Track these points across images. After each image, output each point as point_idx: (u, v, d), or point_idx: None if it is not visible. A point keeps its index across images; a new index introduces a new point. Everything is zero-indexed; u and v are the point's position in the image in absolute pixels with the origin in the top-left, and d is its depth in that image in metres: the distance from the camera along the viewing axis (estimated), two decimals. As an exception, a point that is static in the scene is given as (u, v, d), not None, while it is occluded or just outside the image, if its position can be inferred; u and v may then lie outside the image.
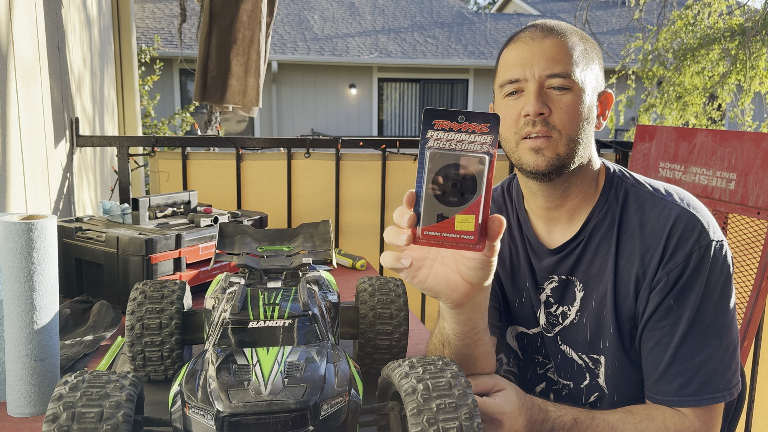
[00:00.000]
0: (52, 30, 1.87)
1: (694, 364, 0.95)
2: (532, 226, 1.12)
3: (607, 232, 1.03)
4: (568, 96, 0.97)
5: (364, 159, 2.23)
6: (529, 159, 0.98)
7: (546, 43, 0.99)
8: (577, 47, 1.00)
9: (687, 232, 0.97)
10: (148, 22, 11.46)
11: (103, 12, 3.01)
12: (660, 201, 1.01)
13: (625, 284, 1.01)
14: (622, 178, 1.06)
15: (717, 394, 0.95)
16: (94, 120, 2.63)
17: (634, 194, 1.04)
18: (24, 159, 1.55)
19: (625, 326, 1.02)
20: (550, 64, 0.97)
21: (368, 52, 11.88)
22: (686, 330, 0.95)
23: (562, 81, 0.97)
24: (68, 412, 0.59)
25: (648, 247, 0.99)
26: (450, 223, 0.69)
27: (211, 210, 1.67)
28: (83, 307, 1.34)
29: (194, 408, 0.64)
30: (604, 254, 1.03)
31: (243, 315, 0.76)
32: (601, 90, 1.04)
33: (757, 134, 1.79)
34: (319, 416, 0.64)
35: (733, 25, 6.81)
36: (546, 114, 0.97)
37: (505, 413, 0.85)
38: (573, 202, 1.05)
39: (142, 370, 0.94)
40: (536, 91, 0.97)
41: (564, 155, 0.98)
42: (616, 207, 1.04)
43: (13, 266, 0.86)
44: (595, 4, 13.75)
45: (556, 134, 0.97)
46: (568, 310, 1.07)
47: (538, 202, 1.08)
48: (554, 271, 1.08)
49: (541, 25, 1.02)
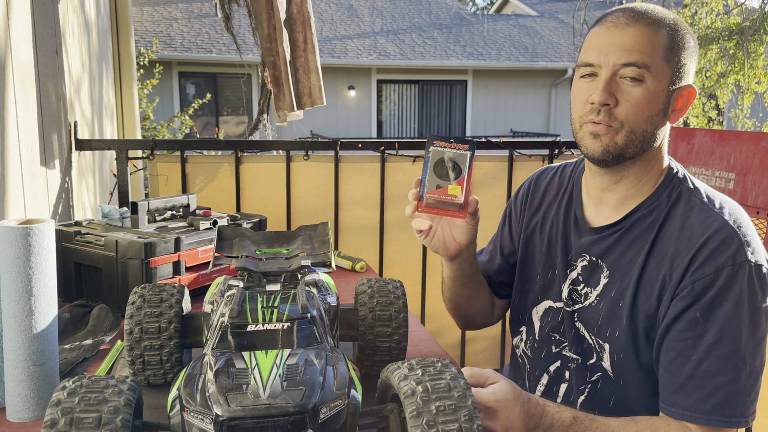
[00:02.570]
0: (50, 34, 1.87)
1: (715, 383, 0.92)
2: (582, 203, 1.15)
3: (648, 228, 1.03)
4: (639, 89, 0.97)
5: (362, 161, 2.23)
6: (588, 142, 1.02)
7: (627, 32, 0.97)
8: (662, 38, 0.97)
9: (723, 246, 0.94)
10: (147, 25, 11.47)
11: (101, 15, 3.02)
12: (707, 210, 0.99)
13: (651, 283, 1.00)
14: (681, 181, 1.05)
15: (731, 419, 0.92)
16: (93, 124, 2.63)
17: (687, 199, 1.02)
18: (22, 163, 1.55)
19: (640, 324, 1.01)
20: (626, 54, 0.96)
21: (367, 54, 11.89)
22: (711, 346, 0.92)
23: (636, 71, 0.96)
24: (66, 417, 0.59)
25: (680, 251, 0.97)
26: (444, 190, 1.04)
27: (210, 213, 1.67)
28: (82, 311, 1.34)
29: (193, 412, 0.64)
30: (638, 249, 1.03)
31: (241, 318, 0.76)
32: (683, 83, 1.01)
33: (755, 134, 1.79)
34: (318, 419, 0.64)
35: (731, 24, 6.82)
36: (612, 105, 0.98)
37: (499, 401, 0.85)
38: (624, 191, 1.06)
39: (141, 374, 0.94)
40: (606, 80, 0.98)
41: (622, 145, 0.99)
42: (665, 207, 1.03)
43: (12, 271, 0.86)
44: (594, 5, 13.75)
45: (617, 125, 0.98)
46: (590, 292, 1.08)
47: (594, 181, 1.11)
48: (588, 251, 1.10)
49: (630, 11, 1.00)
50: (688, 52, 1.01)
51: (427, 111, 12.81)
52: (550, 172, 1.27)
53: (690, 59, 1.01)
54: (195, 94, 11.35)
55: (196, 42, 11.09)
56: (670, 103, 1.01)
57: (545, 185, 1.25)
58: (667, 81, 0.98)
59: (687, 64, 1.01)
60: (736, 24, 6.79)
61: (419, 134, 12.79)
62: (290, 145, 2.17)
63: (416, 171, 2.26)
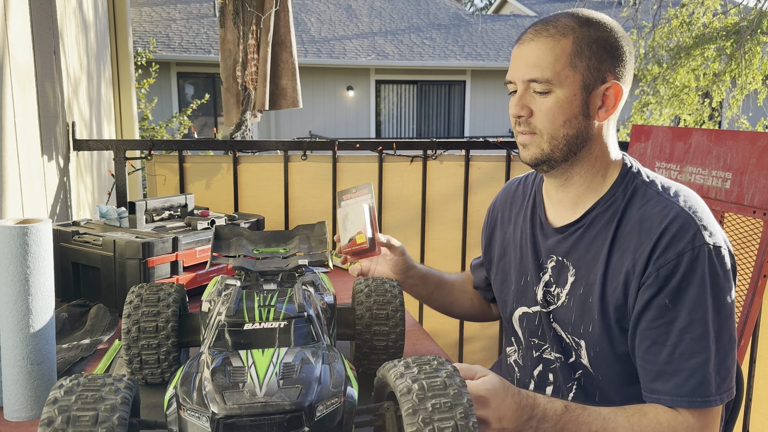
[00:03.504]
0: (48, 34, 1.87)
1: (691, 366, 0.95)
2: (544, 207, 1.19)
3: (607, 223, 1.06)
4: (548, 99, 1.02)
5: (360, 161, 2.23)
6: (520, 151, 1.10)
7: (530, 47, 1.03)
8: (566, 46, 1.01)
9: (681, 232, 0.98)
10: (145, 26, 11.46)
11: (99, 15, 3.02)
12: (663, 200, 1.03)
13: (616, 276, 1.03)
14: (635, 175, 1.08)
15: (710, 398, 0.95)
16: (91, 124, 2.63)
17: (642, 192, 1.06)
18: (20, 163, 1.55)
19: (611, 316, 1.03)
20: (529, 70, 1.03)
21: (365, 54, 11.89)
22: (683, 330, 0.96)
23: (541, 86, 1.02)
24: (63, 415, 0.60)
25: (641, 242, 1.00)
26: (353, 242, 1.27)
27: (208, 213, 1.67)
28: (80, 310, 1.34)
29: (190, 410, 0.64)
30: (600, 244, 1.06)
31: (238, 317, 0.76)
32: (603, 83, 1.03)
33: (752, 133, 1.79)
34: (315, 417, 0.65)
35: (728, 24, 6.83)
36: (526, 115, 1.05)
37: (489, 390, 0.86)
38: (576, 190, 1.10)
39: (139, 373, 0.94)
40: (520, 95, 1.05)
41: (548, 151, 1.05)
42: (622, 201, 1.06)
43: (9, 270, 0.86)
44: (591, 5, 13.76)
45: (538, 133, 1.05)
46: (561, 291, 1.11)
47: (548, 184, 1.17)
48: (554, 251, 1.13)
49: (538, 25, 1.05)
50: (605, 51, 1.02)
51: (425, 111, 12.81)
52: (514, 183, 1.33)
53: (609, 57, 1.02)
54: (193, 94, 11.34)
55: (195, 42, 11.08)
56: (590, 103, 1.03)
57: (512, 197, 1.30)
58: (579, 85, 1.02)
59: (605, 63, 1.02)
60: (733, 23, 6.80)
61: (418, 134, 12.79)
62: (288, 145, 2.18)
63: (414, 171, 2.26)
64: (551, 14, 1.07)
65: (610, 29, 1.04)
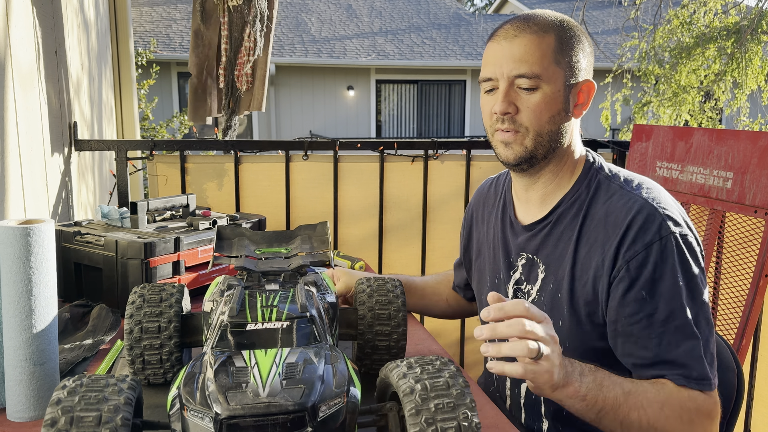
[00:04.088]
0: (50, 34, 1.87)
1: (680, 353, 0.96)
2: (514, 206, 1.20)
3: (573, 219, 1.08)
4: (535, 95, 1.03)
5: (362, 161, 2.23)
6: (501, 150, 1.09)
7: (516, 42, 1.03)
8: (550, 42, 1.02)
9: (647, 224, 0.99)
10: (146, 26, 11.46)
11: (100, 15, 3.02)
12: (627, 194, 1.04)
13: (585, 271, 1.04)
14: (598, 170, 1.10)
15: (705, 381, 0.96)
16: (93, 124, 2.63)
17: (606, 186, 1.07)
18: (22, 163, 1.55)
19: (582, 310, 1.04)
20: (517, 65, 1.02)
21: (366, 54, 11.89)
22: (665, 320, 0.96)
23: (529, 82, 1.02)
24: (67, 416, 0.60)
25: (609, 236, 1.01)
26: None
27: (209, 213, 1.67)
28: (82, 311, 1.34)
29: (192, 411, 0.64)
30: (567, 240, 1.07)
31: (241, 317, 0.76)
32: (580, 80, 1.06)
33: (753, 133, 1.79)
34: (318, 417, 0.65)
35: (728, 24, 6.83)
36: (513, 113, 1.04)
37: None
38: (544, 187, 1.12)
39: (141, 373, 0.94)
40: (504, 91, 1.04)
41: (532, 148, 1.06)
42: (586, 197, 1.08)
43: (12, 271, 0.86)
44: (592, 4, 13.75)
45: (524, 130, 1.05)
46: (532, 288, 1.13)
47: (517, 183, 1.18)
48: (524, 249, 1.15)
49: (517, 21, 1.05)
50: (579, 49, 1.05)
51: (426, 111, 12.81)
52: (487, 184, 1.34)
53: (582, 55, 1.06)
54: (194, 94, 11.34)
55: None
56: (570, 100, 1.05)
57: (485, 197, 1.32)
58: (562, 81, 1.03)
59: (580, 61, 1.05)
60: (734, 23, 6.79)
61: (418, 134, 12.79)
62: (289, 145, 2.18)
63: (415, 171, 2.26)
64: (524, 13, 1.08)
65: (578, 28, 1.07)
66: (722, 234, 1.88)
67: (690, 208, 1.98)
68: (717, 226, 1.88)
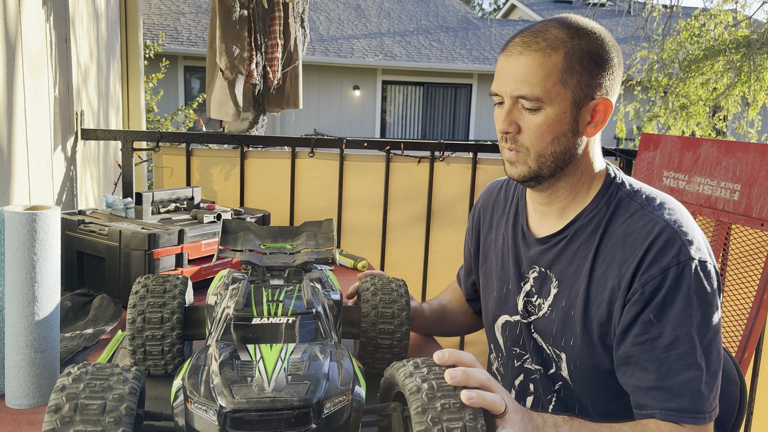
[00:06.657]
0: (60, 22, 1.87)
1: (680, 382, 0.93)
2: (527, 216, 1.17)
3: (590, 236, 1.04)
4: (538, 116, 0.98)
5: (367, 160, 2.23)
6: (507, 167, 1.07)
7: (520, 61, 0.98)
8: (557, 61, 0.96)
9: (666, 247, 0.95)
10: (154, 18, 11.47)
11: (110, 6, 3.01)
12: (648, 214, 1.00)
13: (600, 291, 1.00)
14: (619, 186, 1.06)
15: (699, 415, 0.93)
16: (99, 113, 2.63)
17: (626, 204, 1.03)
18: (29, 150, 1.55)
19: (594, 331, 1.01)
20: (519, 86, 0.98)
21: (373, 54, 11.89)
22: (668, 347, 0.93)
23: (530, 103, 0.98)
24: (71, 403, 0.59)
25: (627, 257, 0.98)
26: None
27: (214, 207, 1.67)
28: (84, 300, 1.33)
29: (197, 403, 0.64)
30: (583, 257, 1.04)
31: (247, 311, 0.76)
32: (595, 98, 0.99)
33: (762, 145, 1.78)
34: (322, 414, 0.64)
35: (738, 37, 6.83)
36: (514, 132, 1.01)
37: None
38: (562, 202, 1.08)
39: (142, 364, 0.94)
40: (507, 110, 1.01)
41: (535, 168, 1.02)
42: (605, 214, 1.04)
43: (16, 256, 0.85)
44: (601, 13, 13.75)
45: (525, 150, 1.01)
46: (543, 303, 1.10)
47: (532, 195, 1.14)
48: (537, 262, 1.11)
49: (526, 36, 0.99)
50: (597, 66, 0.98)
51: (431, 113, 12.81)
52: (496, 187, 1.30)
53: (600, 71, 0.98)
54: (200, 89, 11.34)
55: (203, 37, 11.09)
56: (580, 120, 1.00)
57: (493, 201, 1.27)
58: (569, 102, 0.98)
59: (597, 78, 0.98)
60: (743, 36, 6.79)
61: (423, 136, 12.78)
62: (296, 142, 2.17)
63: (421, 172, 2.26)
64: (539, 23, 1.01)
65: (600, 40, 0.99)
66: (727, 246, 1.87)
67: (696, 219, 1.97)
68: (722, 237, 1.88)
